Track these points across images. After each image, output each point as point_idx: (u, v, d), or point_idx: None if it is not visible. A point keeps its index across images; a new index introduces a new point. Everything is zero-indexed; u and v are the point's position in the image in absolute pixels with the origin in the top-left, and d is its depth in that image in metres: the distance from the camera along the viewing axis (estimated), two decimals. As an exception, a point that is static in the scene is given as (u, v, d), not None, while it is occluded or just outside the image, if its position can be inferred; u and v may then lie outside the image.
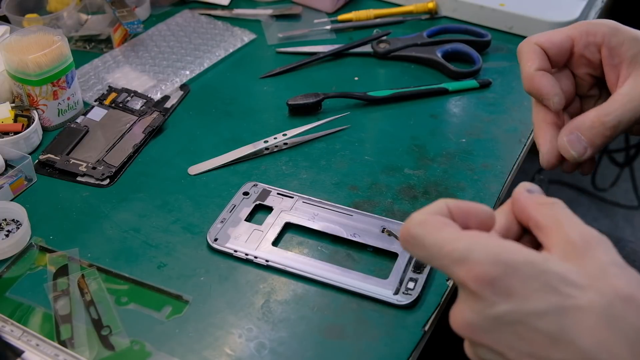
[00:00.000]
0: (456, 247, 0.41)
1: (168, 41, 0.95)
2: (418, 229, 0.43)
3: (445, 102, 0.85)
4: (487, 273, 0.39)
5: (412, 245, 0.43)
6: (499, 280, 0.39)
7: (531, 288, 0.39)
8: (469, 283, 0.40)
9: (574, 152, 0.55)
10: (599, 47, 0.55)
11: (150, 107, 0.83)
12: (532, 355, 0.39)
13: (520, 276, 0.39)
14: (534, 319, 0.39)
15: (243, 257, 0.64)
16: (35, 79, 0.76)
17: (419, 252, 0.43)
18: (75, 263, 0.64)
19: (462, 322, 0.41)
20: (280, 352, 0.56)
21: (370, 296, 0.60)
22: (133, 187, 0.73)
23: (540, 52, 0.56)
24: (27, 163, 0.72)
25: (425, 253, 0.42)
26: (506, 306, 0.39)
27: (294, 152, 0.77)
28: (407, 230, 0.43)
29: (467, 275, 0.40)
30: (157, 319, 0.59)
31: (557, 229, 0.42)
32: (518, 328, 0.39)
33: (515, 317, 0.39)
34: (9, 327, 0.58)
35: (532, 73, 0.55)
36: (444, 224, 0.42)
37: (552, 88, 0.55)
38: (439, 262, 0.42)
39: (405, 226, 0.43)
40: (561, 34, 0.56)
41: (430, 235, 0.42)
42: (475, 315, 0.40)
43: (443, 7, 0.99)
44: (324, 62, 0.92)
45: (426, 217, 0.43)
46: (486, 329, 0.40)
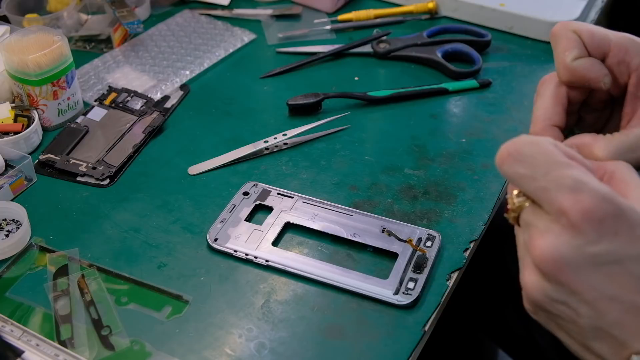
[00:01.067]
0: (568, 174, 0.39)
1: (168, 41, 0.95)
2: (528, 146, 0.40)
3: (445, 102, 0.85)
4: (599, 209, 0.38)
5: (514, 160, 0.41)
6: (607, 218, 0.38)
7: (636, 233, 0.38)
8: (574, 215, 0.38)
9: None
10: (631, 70, 0.51)
11: (150, 107, 0.83)
12: (615, 298, 0.39)
13: (627, 220, 0.38)
14: (633, 262, 0.38)
15: (243, 257, 0.64)
16: (35, 79, 0.76)
17: (521, 169, 0.40)
18: (75, 263, 0.64)
19: (553, 256, 0.39)
20: (280, 352, 0.56)
21: (370, 296, 0.60)
22: (133, 187, 0.73)
23: (578, 40, 0.50)
24: (27, 163, 0.72)
25: (529, 171, 0.40)
26: (609, 246, 0.38)
27: (294, 152, 0.77)
28: (513, 145, 0.41)
29: (574, 206, 0.38)
30: (157, 319, 0.59)
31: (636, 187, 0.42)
32: (613, 269, 0.38)
33: (615, 258, 0.38)
34: (9, 327, 0.58)
35: (570, 64, 0.50)
36: (556, 149, 0.40)
37: (600, 71, 0.50)
38: (542, 184, 0.39)
39: (512, 141, 0.41)
40: (603, 33, 0.51)
41: (541, 156, 0.40)
42: (572, 250, 0.39)
43: (443, 7, 0.99)
44: (324, 62, 0.92)
45: (539, 139, 0.41)
46: (579, 265, 0.39)
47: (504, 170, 0.42)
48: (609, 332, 0.39)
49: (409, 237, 0.65)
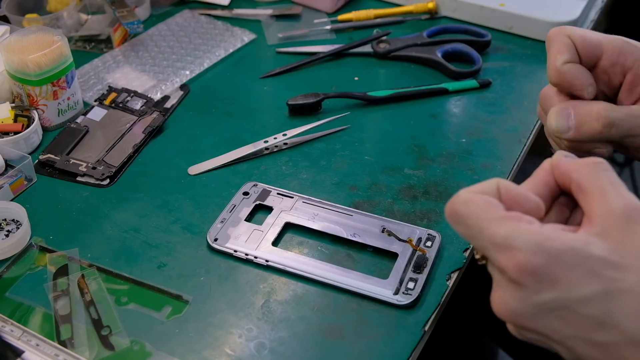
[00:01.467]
0: (498, 232, 0.40)
1: (168, 41, 0.95)
2: (462, 206, 0.42)
3: (445, 102, 0.85)
4: (530, 262, 0.39)
5: (454, 222, 0.42)
6: (541, 269, 0.39)
7: (574, 275, 0.38)
8: (510, 271, 0.39)
9: (555, 124, 0.53)
10: (625, 70, 0.53)
11: (150, 107, 0.83)
12: (576, 337, 0.39)
13: (563, 264, 0.39)
14: (578, 305, 0.39)
15: (243, 257, 0.64)
16: (35, 79, 0.76)
17: (461, 229, 0.42)
18: (75, 263, 0.64)
19: (505, 310, 0.41)
20: (280, 352, 0.56)
21: (370, 296, 0.60)
22: (133, 187, 0.73)
23: (571, 45, 0.52)
24: (27, 163, 0.72)
25: (467, 232, 0.42)
26: (550, 294, 0.39)
27: (294, 152, 0.77)
28: (451, 206, 0.42)
29: (508, 263, 0.39)
30: (157, 319, 0.59)
31: (600, 197, 0.41)
32: (562, 313, 0.39)
33: (559, 303, 0.39)
34: (9, 327, 0.58)
35: (560, 67, 0.52)
36: (488, 204, 0.41)
37: (585, 79, 0.52)
38: (480, 243, 0.41)
39: (450, 202, 0.43)
40: (595, 38, 0.53)
41: (473, 216, 0.41)
42: (518, 302, 0.40)
43: (443, 7, 0.99)
44: (324, 62, 0.92)
45: (471, 196, 0.42)
46: (530, 315, 0.40)
47: (453, 228, 0.43)
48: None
49: (409, 237, 0.65)
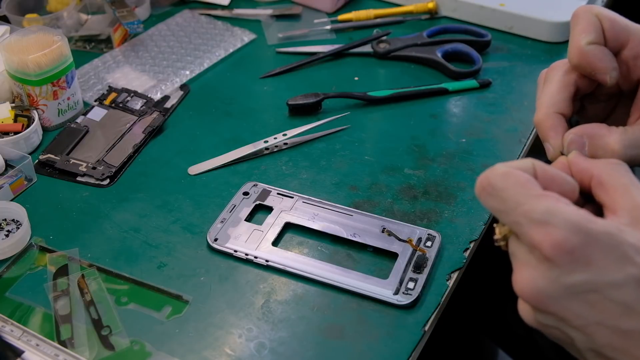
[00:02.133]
0: (536, 208, 0.39)
1: (168, 41, 0.95)
2: (499, 179, 0.41)
3: (445, 102, 0.85)
4: (568, 240, 0.38)
5: (488, 194, 0.41)
6: (578, 249, 0.38)
7: (610, 259, 0.38)
8: (545, 248, 0.38)
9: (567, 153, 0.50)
10: None
11: (150, 107, 0.83)
12: (600, 323, 0.39)
13: (599, 246, 0.38)
14: (610, 289, 0.38)
15: (243, 257, 0.64)
16: (35, 79, 0.76)
17: (494, 203, 0.41)
18: (75, 263, 0.64)
19: (531, 289, 0.40)
20: (280, 352, 0.56)
21: (370, 296, 0.60)
22: (133, 187, 0.73)
23: (598, 25, 0.49)
24: (27, 163, 0.72)
25: (501, 206, 0.41)
26: (583, 275, 0.38)
27: (294, 152, 0.77)
28: (486, 179, 0.41)
29: (544, 240, 0.38)
30: (157, 319, 0.59)
31: (624, 191, 0.41)
32: (592, 297, 0.39)
33: (591, 286, 0.38)
34: (9, 327, 0.58)
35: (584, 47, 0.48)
36: (527, 180, 0.41)
37: (609, 62, 0.48)
38: (514, 218, 0.40)
39: (485, 174, 0.41)
40: (624, 23, 0.50)
41: (511, 189, 0.40)
42: (548, 282, 0.39)
43: (443, 7, 0.99)
44: (324, 62, 0.92)
45: (510, 170, 0.41)
46: (557, 296, 0.39)
47: (482, 202, 0.42)
48: (603, 353, 0.40)
49: (409, 237, 0.65)
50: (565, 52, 0.50)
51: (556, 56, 0.91)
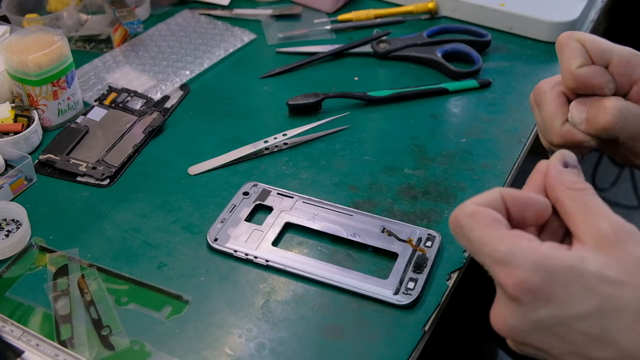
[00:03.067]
0: (498, 249, 0.40)
1: (168, 41, 0.95)
2: (466, 219, 0.42)
3: (445, 102, 0.85)
4: (528, 279, 0.39)
5: (457, 233, 0.43)
6: (539, 286, 0.39)
7: (571, 292, 0.39)
8: (509, 287, 0.40)
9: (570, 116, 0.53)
10: (632, 82, 0.52)
11: (150, 107, 0.83)
12: (574, 352, 0.40)
13: (560, 282, 0.39)
14: (575, 322, 0.39)
15: (243, 257, 0.64)
16: (35, 79, 0.76)
17: (463, 242, 0.43)
18: (75, 263, 0.64)
19: (503, 325, 0.42)
20: (280, 352, 0.56)
21: (370, 296, 0.60)
22: (133, 187, 0.73)
23: (581, 49, 0.52)
24: (27, 163, 0.72)
25: (468, 245, 0.42)
26: (547, 311, 0.40)
27: (294, 152, 0.77)
28: (455, 218, 0.43)
29: (507, 280, 0.40)
30: (157, 319, 0.59)
31: (585, 218, 0.42)
32: (560, 330, 0.40)
33: (556, 321, 0.40)
34: (9, 327, 0.58)
35: (575, 71, 0.52)
36: (492, 220, 0.42)
37: (603, 77, 0.51)
38: (480, 258, 0.42)
39: (455, 213, 0.43)
40: (605, 44, 0.52)
41: (476, 230, 0.42)
42: (517, 318, 0.41)
43: (443, 7, 0.99)
44: (324, 62, 0.92)
45: (476, 209, 0.42)
46: (527, 331, 0.41)
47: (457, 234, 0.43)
48: None
49: (409, 237, 0.65)
50: None
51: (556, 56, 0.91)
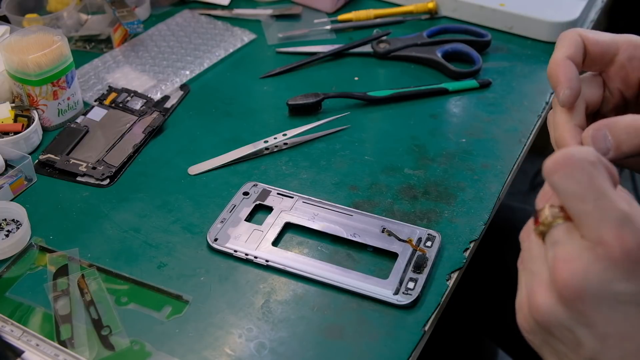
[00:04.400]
0: (619, 207, 0.37)
1: (168, 41, 0.95)
2: (589, 165, 0.38)
3: (445, 102, 0.85)
4: (639, 250, 0.37)
5: (570, 173, 0.38)
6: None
7: None
8: (614, 250, 0.37)
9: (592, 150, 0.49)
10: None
11: (150, 107, 0.83)
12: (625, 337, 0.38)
13: None
14: None
15: (243, 257, 0.64)
16: (35, 79, 0.76)
17: (572, 184, 0.38)
18: (75, 263, 0.64)
19: (579, 284, 0.38)
20: (280, 352, 0.56)
21: (370, 296, 0.60)
22: (133, 187, 0.73)
23: (580, 44, 0.50)
24: (27, 163, 0.72)
25: (579, 190, 0.38)
26: (636, 288, 0.37)
27: (294, 152, 0.77)
28: (571, 158, 0.39)
29: (616, 241, 0.37)
30: (157, 319, 0.59)
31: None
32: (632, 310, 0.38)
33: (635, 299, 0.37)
34: (9, 327, 0.58)
35: (558, 58, 0.50)
36: (610, 179, 0.39)
37: (570, 80, 0.49)
38: (589, 207, 0.38)
39: (570, 153, 0.39)
40: (608, 37, 0.51)
41: (599, 179, 0.38)
42: (599, 283, 0.37)
43: (443, 7, 0.99)
44: (324, 62, 0.92)
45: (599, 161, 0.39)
46: (601, 299, 0.38)
47: (555, 180, 0.39)
48: None
49: (409, 237, 0.65)
50: None
51: (556, 56, 0.91)
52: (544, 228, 0.41)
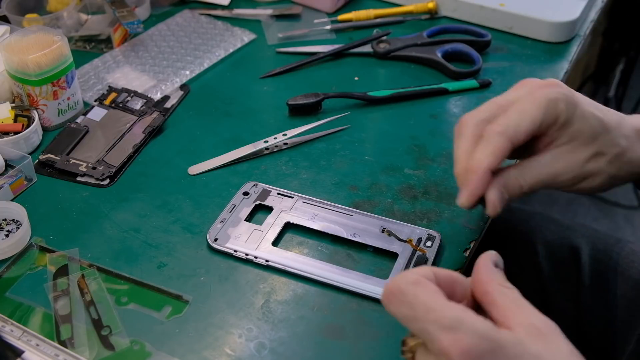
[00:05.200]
0: (447, 315, 0.40)
1: (168, 41, 0.95)
2: (410, 287, 0.42)
3: (445, 102, 0.85)
4: (476, 346, 0.39)
5: (398, 300, 0.42)
6: (486, 355, 0.39)
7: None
8: (453, 354, 0.39)
9: (499, 209, 0.56)
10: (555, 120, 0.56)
11: (150, 107, 0.83)
12: None
13: (506, 354, 0.40)
14: None
15: (243, 257, 0.64)
16: (35, 79, 0.76)
17: (404, 309, 0.42)
18: (75, 263, 0.64)
19: None
20: (280, 352, 0.56)
21: (371, 296, 0.60)
22: (133, 187, 0.73)
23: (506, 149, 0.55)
24: (27, 163, 0.72)
25: (411, 312, 0.42)
26: None
27: (294, 152, 0.77)
28: (397, 285, 0.43)
29: (453, 346, 0.39)
30: (157, 319, 0.59)
31: (519, 310, 0.43)
32: None
33: None
34: (9, 327, 0.58)
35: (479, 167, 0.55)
36: (436, 289, 0.43)
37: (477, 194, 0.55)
38: (423, 324, 0.41)
39: (395, 281, 0.43)
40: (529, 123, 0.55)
41: (421, 296, 0.42)
42: None
43: (443, 7, 0.99)
44: (324, 62, 0.92)
45: (420, 278, 0.43)
46: None
47: (391, 310, 0.43)
48: None
49: (409, 237, 0.65)
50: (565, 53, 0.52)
51: (556, 56, 0.92)
52: (410, 355, 0.44)
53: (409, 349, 0.44)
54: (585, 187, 0.58)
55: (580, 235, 0.78)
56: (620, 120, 0.58)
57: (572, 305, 0.76)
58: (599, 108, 0.58)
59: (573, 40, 0.95)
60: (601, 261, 0.76)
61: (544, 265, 0.78)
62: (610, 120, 0.57)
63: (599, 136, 0.56)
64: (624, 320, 0.72)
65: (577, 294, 0.76)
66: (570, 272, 0.77)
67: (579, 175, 0.57)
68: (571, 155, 0.57)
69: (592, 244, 0.77)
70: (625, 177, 0.59)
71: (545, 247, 0.78)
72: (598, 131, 0.56)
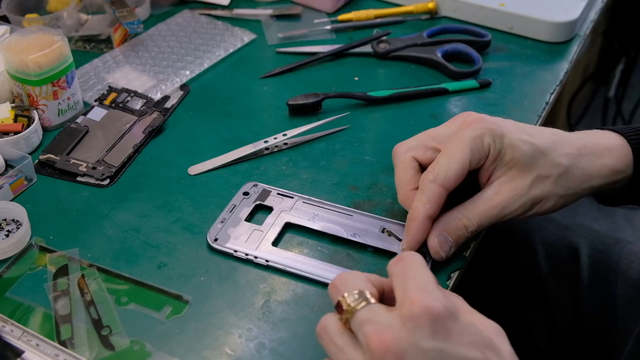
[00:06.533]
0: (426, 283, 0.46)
1: (168, 41, 0.95)
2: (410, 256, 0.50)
3: (445, 102, 0.85)
4: (436, 308, 0.44)
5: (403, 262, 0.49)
6: (443, 318, 0.44)
7: (465, 338, 0.44)
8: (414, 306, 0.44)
9: (443, 253, 0.60)
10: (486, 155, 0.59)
11: (150, 107, 0.83)
12: None
13: (460, 325, 0.44)
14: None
15: (243, 257, 0.64)
16: (35, 79, 0.76)
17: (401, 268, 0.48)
18: (75, 263, 0.64)
19: (394, 349, 0.43)
20: (280, 352, 0.56)
21: (370, 296, 0.60)
22: (133, 187, 0.73)
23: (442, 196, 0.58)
24: (27, 163, 0.72)
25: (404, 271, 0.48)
26: (439, 344, 0.43)
27: (294, 152, 0.77)
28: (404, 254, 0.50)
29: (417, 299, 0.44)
30: (157, 319, 0.59)
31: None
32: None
33: (442, 356, 0.43)
34: (9, 327, 0.58)
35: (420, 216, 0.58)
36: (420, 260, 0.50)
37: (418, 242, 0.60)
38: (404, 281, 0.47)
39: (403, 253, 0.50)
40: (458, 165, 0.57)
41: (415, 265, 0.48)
42: (409, 345, 0.43)
43: (443, 7, 1.00)
44: (324, 62, 0.92)
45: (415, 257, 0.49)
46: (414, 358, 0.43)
47: (394, 269, 0.49)
48: None
49: (408, 237, 0.65)
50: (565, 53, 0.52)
51: (556, 56, 0.92)
52: (348, 315, 0.47)
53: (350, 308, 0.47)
54: (538, 211, 0.59)
55: (579, 235, 0.79)
56: (558, 140, 0.59)
57: (571, 305, 0.76)
58: (530, 132, 0.59)
59: (573, 40, 0.95)
60: (600, 261, 0.76)
61: (543, 265, 0.78)
62: (545, 142, 0.58)
63: (535, 160, 0.57)
64: (623, 320, 0.72)
65: (576, 294, 0.76)
66: (569, 272, 0.77)
67: (526, 202, 0.58)
68: (512, 184, 0.58)
69: (591, 244, 0.77)
70: (578, 194, 0.60)
71: (544, 247, 0.79)
72: (533, 156, 0.57)
